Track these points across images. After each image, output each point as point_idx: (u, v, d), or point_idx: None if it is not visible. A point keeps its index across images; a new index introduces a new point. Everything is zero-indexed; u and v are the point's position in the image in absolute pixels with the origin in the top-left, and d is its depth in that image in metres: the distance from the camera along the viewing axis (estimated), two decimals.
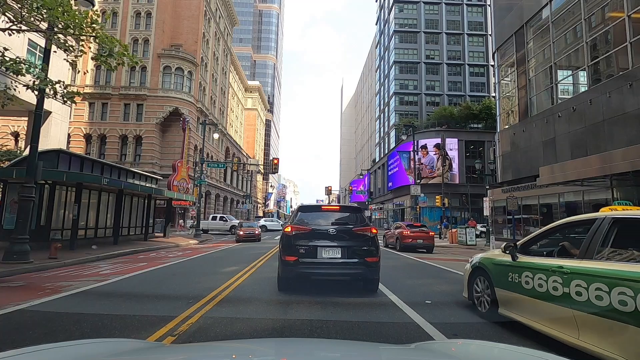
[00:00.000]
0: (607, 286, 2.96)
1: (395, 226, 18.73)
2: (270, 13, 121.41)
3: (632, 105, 13.29)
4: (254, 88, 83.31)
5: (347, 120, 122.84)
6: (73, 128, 34.82)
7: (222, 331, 4.11)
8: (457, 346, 1.90)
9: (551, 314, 3.56)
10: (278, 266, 6.54)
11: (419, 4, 53.45)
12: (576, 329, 3.22)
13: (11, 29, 8.54)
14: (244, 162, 59.47)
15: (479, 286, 5.03)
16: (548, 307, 3.59)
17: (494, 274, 4.62)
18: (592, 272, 3.16)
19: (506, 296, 4.31)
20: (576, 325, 3.22)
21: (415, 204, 28.44)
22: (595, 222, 3.54)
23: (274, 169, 29.34)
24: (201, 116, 41.64)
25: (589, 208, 15.93)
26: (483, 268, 4.91)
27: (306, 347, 1.85)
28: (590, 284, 3.11)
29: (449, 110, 44.32)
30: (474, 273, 5.17)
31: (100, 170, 15.71)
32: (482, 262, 5.01)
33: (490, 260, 4.82)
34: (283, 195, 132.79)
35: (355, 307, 5.46)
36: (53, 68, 10.85)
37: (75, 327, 4.19)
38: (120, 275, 8.13)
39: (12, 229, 10.27)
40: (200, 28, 41.79)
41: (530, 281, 3.88)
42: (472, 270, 5.22)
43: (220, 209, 51.08)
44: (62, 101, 9.22)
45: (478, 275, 5.08)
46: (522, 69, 21.07)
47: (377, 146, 65.11)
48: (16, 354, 1.22)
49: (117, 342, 1.89)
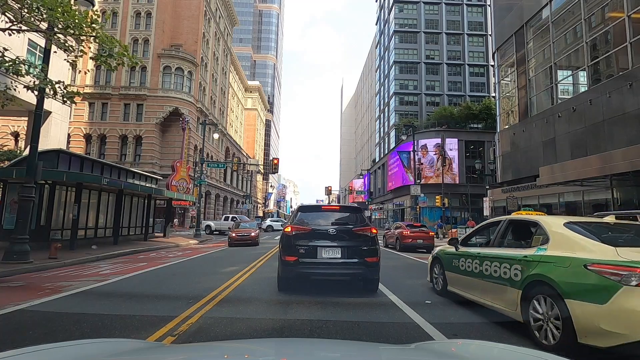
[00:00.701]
0: (498, 263, 4.56)
1: (395, 226, 18.72)
2: (270, 13, 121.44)
3: (632, 105, 13.28)
4: (254, 88, 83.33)
5: (347, 120, 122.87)
6: (73, 128, 34.82)
7: (222, 331, 4.11)
8: (457, 346, 1.90)
9: (473, 286, 5.13)
10: (278, 266, 6.53)
11: (419, 4, 53.44)
12: (484, 293, 4.85)
13: (11, 29, 8.54)
14: (244, 162, 59.49)
15: (436, 271, 6.50)
16: (472, 280, 5.15)
17: (445, 261, 6.11)
18: (491, 255, 4.77)
19: (451, 276, 5.85)
20: (485, 291, 4.82)
21: (415, 204, 28.45)
22: (500, 223, 5.17)
23: (274, 169, 29.35)
24: (201, 116, 41.64)
25: (589, 208, 15.93)
26: (439, 257, 6.39)
27: (306, 347, 1.85)
28: (492, 263, 4.68)
29: (449, 110, 44.30)
30: (433, 261, 6.66)
31: (100, 170, 15.71)
32: (438, 253, 6.52)
33: (443, 251, 6.31)
34: (283, 195, 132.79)
35: (355, 307, 5.46)
36: (53, 68, 10.85)
37: (75, 327, 4.19)
38: (120, 275, 8.13)
39: (12, 229, 10.27)
40: (200, 28, 41.80)
41: (464, 264, 5.44)
42: (432, 259, 6.75)
43: (220, 209, 51.09)
44: (62, 101, 9.21)
45: (435, 263, 6.55)
46: (522, 69, 21.06)
47: (377, 146, 65.11)
48: (16, 354, 1.22)
49: (117, 342, 1.89)
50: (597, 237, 3.70)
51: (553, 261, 3.75)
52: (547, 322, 3.62)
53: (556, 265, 3.69)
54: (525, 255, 4.13)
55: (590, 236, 3.74)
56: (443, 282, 6.11)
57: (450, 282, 5.87)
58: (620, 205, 13.97)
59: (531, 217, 4.82)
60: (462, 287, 5.48)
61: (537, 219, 4.52)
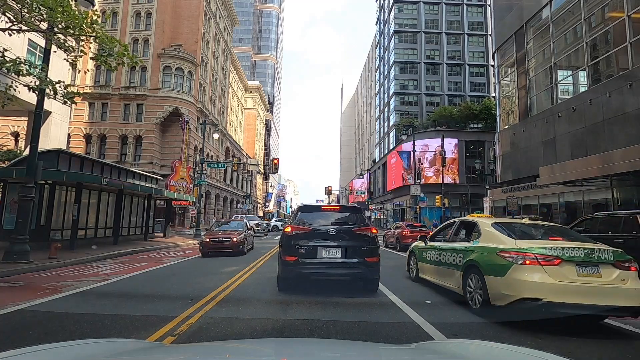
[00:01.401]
0: (450, 253, 6.06)
1: (395, 226, 18.72)
2: (270, 13, 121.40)
3: (632, 105, 13.28)
4: (254, 88, 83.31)
5: (347, 120, 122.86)
6: (73, 128, 34.81)
7: (222, 331, 4.11)
8: (457, 346, 1.90)
9: (435, 272, 6.68)
10: (278, 266, 6.53)
11: (419, 4, 53.43)
12: (442, 276, 6.37)
13: (11, 29, 8.53)
14: (244, 162, 59.47)
15: (411, 263, 8.10)
16: (434, 267, 6.71)
17: (417, 254, 7.70)
18: (447, 248, 6.33)
19: (422, 266, 7.39)
20: (442, 274, 6.34)
21: (415, 204, 28.44)
22: (454, 223, 6.83)
23: (274, 169, 29.33)
24: (201, 116, 41.63)
25: (589, 208, 15.92)
26: (413, 251, 8.02)
27: (306, 347, 1.85)
28: (447, 253, 6.20)
29: (449, 110, 44.29)
30: (409, 255, 8.34)
31: (100, 170, 15.71)
32: (412, 248, 8.20)
33: (417, 246, 7.90)
34: (283, 196, 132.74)
35: (355, 307, 5.46)
36: (53, 68, 10.84)
37: (75, 327, 4.19)
38: (120, 275, 8.13)
39: (12, 229, 10.27)
40: (200, 28, 41.79)
41: (429, 255, 6.99)
42: (409, 253, 8.42)
43: (220, 209, 51.09)
44: (62, 101, 9.21)
45: (411, 256, 8.21)
46: (522, 69, 21.06)
47: (377, 146, 65.09)
48: (16, 354, 1.22)
49: (117, 342, 1.89)
50: (508, 233, 5.15)
51: (480, 250, 5.24)
52: (475, 293, 5.09)
53: (482, 253, 5.16)
54: (466, 247, 5.66)
55: (504, 232, 5.21)
56: (416, 271, 7.69)
57: (421, 271, 7.39)
58: (620, 205, 13.96)
59: (473, 219, 6.28)
60: (428, 273, 7.00)
61: (476, 220, 6.05)
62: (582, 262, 4.40)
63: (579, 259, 4.40)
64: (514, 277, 4.44)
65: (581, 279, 4.31)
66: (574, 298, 4.19)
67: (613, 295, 4.21)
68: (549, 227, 5.85)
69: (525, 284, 4.34)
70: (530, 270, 4.39)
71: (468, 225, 6.26)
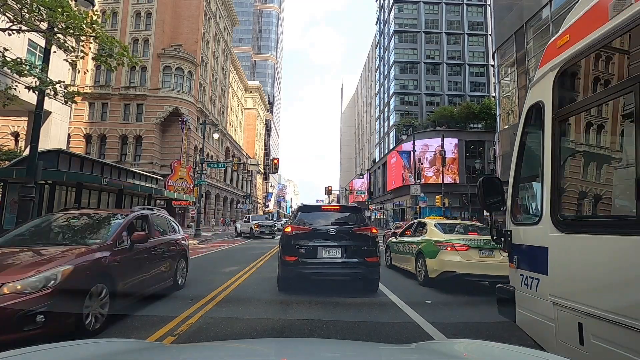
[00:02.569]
0: (409, 244, 8.45)
1: (396, 226, 18.73)
2: (270, 13, 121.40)
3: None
4: (254, 88, 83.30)
5: (347, 120, 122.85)
6: (73, 128, 34.80)
7: (222, 331, 4.12)
8: (457, 346, 1.89)
9: (402, 259, 8.88)
10: (278, 266, 6.53)
11: (419, 4, 53.42)
12: (404, 262, 8.71)
13: (11, 29, 8.53)
14: (244, 162, 59.46)
15: (387, 254, 10.26)
16: (402, 256, 8.90)
17: (391, 246, 10.00)
18: (408, 241, 8.69)
19: (394, 255, 9.65)
20: (404, 261, 8.66)
21: (415, 204, 28.42)
22: (415, 223, 9.32)
23: (274, 169, 29.32)
24: (201, 116, 41.63)
25: None
26: (389, 244, 10.30)
27: (306, 347, 1.85)
28: (407, 245, 8.58)
29: (449, 110, 44.28)
30: (386, 248, 10.56)
31: (100, 170, 15.72)
32: (388, 242, 10.52)
33: (391, 241, 10.17)
34: (283, 195, 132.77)
35: (356, 307, 5.46)
36: (53, 68, 10.84)
37: None
38: None
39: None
40: (200, 28, 41.78)
41: (398, 247, 9.33)
42: (386, 247, 10.75)
43: (220, 209, 51.10)
44: (63, 101, 9.21)
45: (387, 248, 10.46)
46: (522, 68, 21.05)
47: (377, 146, 65.09)
48: (16, 354, 1.22)
49: (117, 342, 1.89)
50: (442, 230, 7.64)
51: (425, 242, 7.54)
52: (421, 271, 7.46)
53: (426, 244, 7.47)
54: (417, 240, 8.02)
55: (440, 229, 7.66)
56: (390, 260, 9.96)
57: (393, 260, 9.69)
58: None
59: (424, 220, 8.95)
60: (397, 261, 9.33)
61: (425, 221, 8.72)
62: (482, 248, 6.65)
63: (480, 246, 6.69)
64: (440, 258, 6.81)
65: (481, 259, 6.59)
66: (476, 270, 6.52)
67: (501, 269, 5.81)
68: (471, 225, 8.62)
69: (446, 263, 6.67)
70: (450, 254, 6.71)
71: (421, 224, 8.70)
